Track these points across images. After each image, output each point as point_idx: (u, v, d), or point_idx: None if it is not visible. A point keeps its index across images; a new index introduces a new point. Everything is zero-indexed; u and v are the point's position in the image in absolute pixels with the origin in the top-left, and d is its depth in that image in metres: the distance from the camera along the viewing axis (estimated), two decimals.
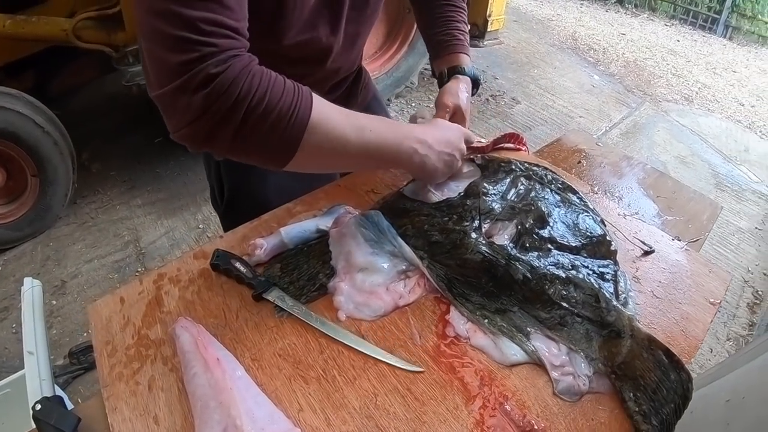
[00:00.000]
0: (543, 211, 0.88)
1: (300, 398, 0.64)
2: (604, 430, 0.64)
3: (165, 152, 3.03)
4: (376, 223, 0.82)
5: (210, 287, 0.78)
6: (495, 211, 0.87)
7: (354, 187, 1.01)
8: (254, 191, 1.06)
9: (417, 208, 0.88)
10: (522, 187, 0.95)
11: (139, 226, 2.55)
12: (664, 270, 0.91)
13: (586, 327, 0.72)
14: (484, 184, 0.93)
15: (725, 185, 3.87)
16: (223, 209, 1.12)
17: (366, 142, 0.74)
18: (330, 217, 0.88)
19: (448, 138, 0.88)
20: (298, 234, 0.83)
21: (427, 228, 0.82)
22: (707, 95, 5.46)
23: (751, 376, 1.47)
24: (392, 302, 0.75)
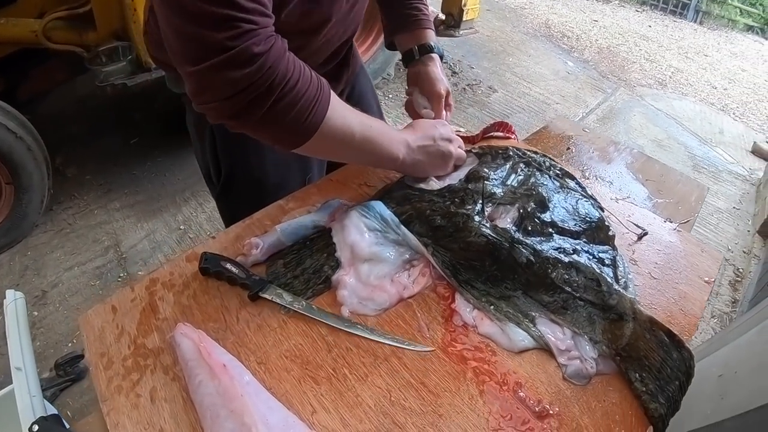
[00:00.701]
0: (544, 196, 0.88)
1: (312, 400, 0.63)
2: (617, 410, 0.66)
3: (141, 153, 2.97)
4: (379, 213, 0.81)
5: (206, 290, 0.75)
6: (497, 195, 0.86)
7: (346, 181, 0.99)
8: (252, 169, 1.05)
9: (419, 194, 0.87)
10: (522, 173, 0.95)
11: (119, 230, 2.49)
12: (659, 251, 0.93)
13: (588, 310, 0.73)
14: (484, 169, 0.93)
15: (702, 167, 3.93)
16: (219, 189, 1.10)
17: (367, 138, 0.79)
18: (325, 212, 0.86)
19: (425, 133, 0.90)
20: (295, 231, 0.81)
21: (429, 213, 0.82)
22: (680, 79, 5.54)
23: (741, 351, 1.51)
24: (397, 294, 0.74)
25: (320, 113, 0.70)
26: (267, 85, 0.63)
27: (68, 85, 2.98)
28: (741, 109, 5.18)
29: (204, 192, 2.74)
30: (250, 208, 1.06)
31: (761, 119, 5.08)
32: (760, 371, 1.32)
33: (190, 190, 2.77)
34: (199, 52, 0.61)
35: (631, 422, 0.64)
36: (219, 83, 0.62)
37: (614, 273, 0.80)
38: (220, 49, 0.59)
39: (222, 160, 1.05)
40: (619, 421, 0.64)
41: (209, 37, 0.59)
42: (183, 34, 0.61)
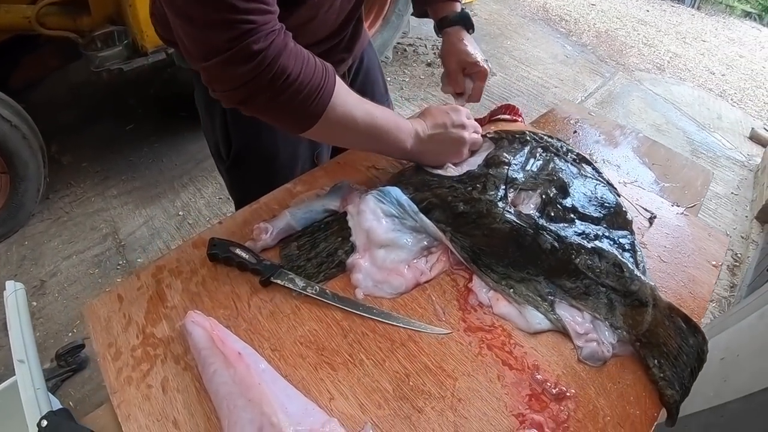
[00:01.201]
0: (565, 182, 0.87)
1: (329, 386, 0.62)
2: (631, 392, 0.66)
3: (137, 139, 2.93)
4: (395, 198, 0.79)
5: (215, 277, 0.74)
6: (518, 180, 0.85)
7: (353, 163, 0.98)
8: (264, 144, 1.06)
9: (437, 181, 0.85)
10: (540, 158, 0.93)
11: (117, 217, 2.47)
12: (668, 235, 0.93)
13: (609, 296, 0.72)
14: (504, 154, 0.91)
15: (701, 152, 3.92)
16: (229, 163, 1.10)
17: (372, 125, 0.81)
18: (335, 195, 0.85)
19: (435, 121, 0.90)
20: (306, 215, 0.80)
21: (450, 199, 0.80)
22: (678, 64, 5.52)
23: (742, 335, 1.52)
24: (413, 279, 0.73)
25: (324, 100, 0.73)
26: (269, 78, 0.68)
27: (61, 72, 2.94)
28: (739, 95, 5.16)
29: (202, 177, 2.72)
30: (260, 182, 1.05)
31: (759, 105, 5.08)
32: (761, 355, 1.34)
33: (188, 175, 2.74)
34: (205, 51, 0.68)
35: (645, 403, 0.65)
36: (226, 77, 0.69)
37: (634, 258, 0.80)
38: (223, 50, 0.66)
39: (233, 135, 1.05)
40: (634, 402, 0.64)
41: (213, 39, 0.66)
42: (190, 36, 0.68)
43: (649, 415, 0.63)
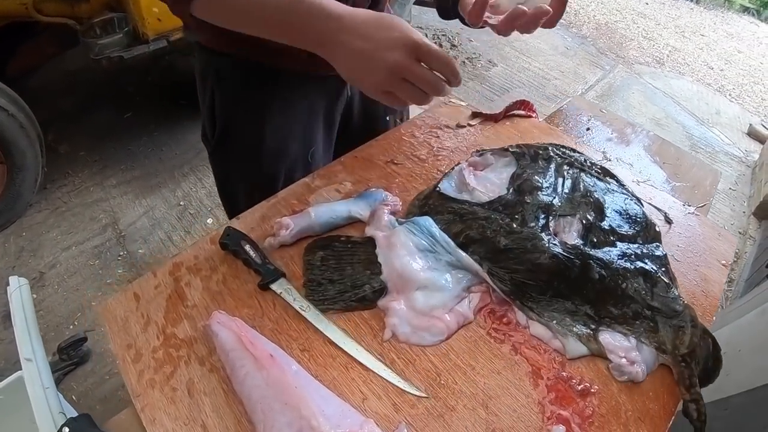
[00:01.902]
0: (601, 203, 0.84)
1: (361, 386, 0.61)
2: (650, 387, 0.67)
3: (136, 128, 2.90)
4: (428, 230, 0.75)
5: (236, 274, 0.72)
6: (555, 206, 0.81)
7: (371, 158, 0.97)
8: (248, 131, 1.00)
9: (469, 210, 0.80)
10: (569, 177, 0.90)
11: (116, 207, 2.44)
12: (680, 235, 0.94)
13: (654, 318, 0.70)
14: (534, 177, 0.86)
15: (699, 147, 3.94)
16: (213, 144, 1.04)
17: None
18: (363, 202, 0.82)
19: (384, 36, 0.65)
20: (329, 219, 0.78)
21: (491, 234, 0.75)
22: (678, 58, 5.53)
23: (743, 331, 1.55)
24: (456, 325, 0.68)
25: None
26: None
27: (57, 59, 2.91)
28: (737, 91, 5.18)
29: (203, 167, 2.70)
30: (243, 171, 1.04)
31: (756, 101, 5.10)
32: (762, 351, 1.37)
33: (188, 165, 2.72)
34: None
35: (663, 399, 0.66)
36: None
37: (667, 271, 0.78)
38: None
39: (217, 117, 1.00)
40: (653, 398, 0.65)
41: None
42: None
43: (668, 410, 0.64)
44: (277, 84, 0.96)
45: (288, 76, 0.95)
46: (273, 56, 0.90)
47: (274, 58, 0.90)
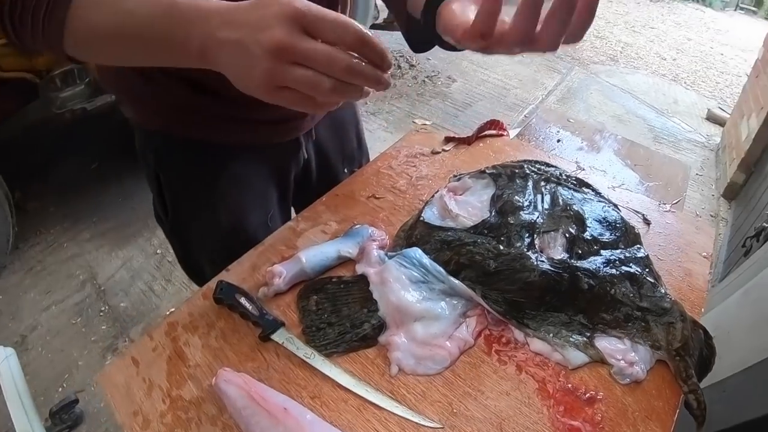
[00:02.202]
0: (580, 214, 0.86)
1: (377, 425, 0.61)
2: (651, 386, 0.69)
3: (104, 178, 2.87)
4: (419, 261, 0.75)
5: (235, 328, 0.72)
6: (537, 224, 0.83)
7: (352, 194, 0.98)
8: (201, 208, 0.97)
9: (456, 237, 0.81)
10: (546, 192, 0.92)
11: (93, 261, 2.40)
12: (660, 234, 0.97)
13: (645, 318, 0.72)
14: (514, 197, 0.88)
15: (662, 138, 4.04)
16: (168, 225, 1.01)
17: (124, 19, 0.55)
18: (351, 240, 0.82)
19: (259, 15, 0.49)
20: (320, 262, 0.78)
21: (479, 258, 0.76)
22: (631, 53, 5.69)
23: (730, 313, 1.59)
24: (458, 350, 0.69)
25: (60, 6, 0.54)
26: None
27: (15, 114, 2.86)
28: (692, 78, 5.34)
29: None
30: (203, 247, 1.01)
31: (711, 86, 5.26)
32: (751, 329, 1.39)
33: None
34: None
35: (666, 395, 0.68)
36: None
37: (651, 271, 0.81)
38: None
39: (167, 199, 0.96)
40: (656, 395, 0.67)
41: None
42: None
43: (672, 405, 0.66)
44: (223, 159, 0.93)
45: (233, 149, 0.92)
46: (211, 130, 0.88)
47: (212, 132, 0.88)
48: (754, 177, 3.17)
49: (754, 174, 3.19)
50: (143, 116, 0.90)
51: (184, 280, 2.30)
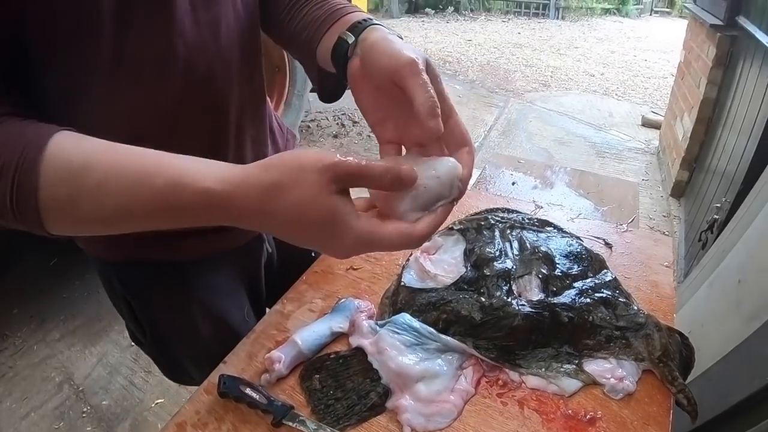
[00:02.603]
0: (549, 254, 0.92)
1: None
2: (643, 395, 0.74)
3: (65, 273, 2.79)
4: (409, 325, 0.79)
5: (245, 419, 0.73)
6: (512, 271, 0.88)
7: (331, 269, 1.00)
8: (177, 325, 0.96)
9: (439, 296, 0.84)
10: (514, 238, 0.97)
11: (67, 361, 2.33)
12: (623, 253, 1.04)
13: (625, 335, 0.79)
14: (485, 250, 0.92)
15: (604, 152, 4.22)
16: (148, 346, 1.00)
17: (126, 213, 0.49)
18: (340, 315, 0.85)
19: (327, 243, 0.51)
20: (315, 341, 0.81)
21: (465, 313, 0.80)
22: (561, 76, 5.95)
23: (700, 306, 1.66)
24: (462, 401, 0.73)
25: (27, 190, 0.46)
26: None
27: None
28: (621, 89, 5.62)
29: None
30: (184, 356, 1.01)
31: (640, 93, 5.54)
32: (723, 319, 1.45)
33: None
34: None
35: (657, 399, 0.74)
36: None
37: (621, 291, 0.88)
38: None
39: (142, 321, 0.94)
40: (649, 402, 0.73)
41: None
42: None
43: (665, 408, 0.72)
44: (193, 273, 0.92)
45: (199, 263, 0.92)
46: (174, 250, 0.87)
47: (177, 252, 0.87)
48: (697, 173, 3.34)
49: (696, 170, 3.36)
50: (100, 250, 0.89)
51: None
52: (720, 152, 2.80)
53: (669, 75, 5.90)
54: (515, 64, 6.32)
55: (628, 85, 5.72)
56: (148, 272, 0.88)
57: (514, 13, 8.92)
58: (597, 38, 7.51)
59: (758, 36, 2.30)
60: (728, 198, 2.31)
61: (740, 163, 2.31)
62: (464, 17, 8.75)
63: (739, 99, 2.62)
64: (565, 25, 8.28)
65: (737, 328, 1.34)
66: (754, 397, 1.12)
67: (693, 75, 3.52)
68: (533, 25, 8.29)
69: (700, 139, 3.29)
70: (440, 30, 7.83)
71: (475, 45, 7.07)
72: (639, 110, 5.04)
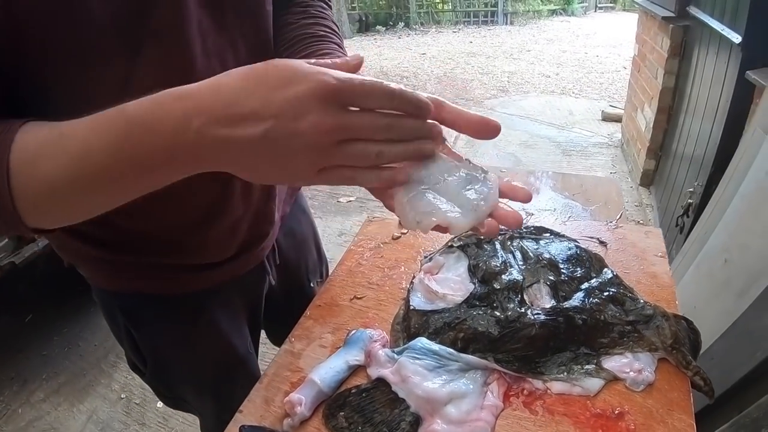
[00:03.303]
0: (553, 261, 0.92)
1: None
2: (662, 381, 0.76)
3: (42, 330, 2.70)
4: (428, 349, 0.78)
5: None
6: (520, 282, 0.88)
7: (334, 301, 0.98)
8: (180, 357, 0.96)
9: (453, 316, 0.84)
10: (516, 249, 0.97)
11: (55, 422, 2.23)
12: (618, 250, 1.04)
13: (637, 328, 0.80)
14: (490, 263, 0.92)
15: (570, 150, 4.30)
16: (149, 376, 0.98)
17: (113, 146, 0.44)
18: (354, 348, 0.83)
19: (286, 100, 0.42)
20: (334, 377, 0.78)
21: (482, 329, 0.80)
22: (517, 80, 6.07)
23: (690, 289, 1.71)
24: (493, 418, 0.73)
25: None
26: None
27: None
28: (578, 87, 5.75)
29: None
30: (187, 389, 1.00)
31: (596, 89, 5.68)
32: (714, 298, 1.49)
33: (112, 352, 2.54)
34: None
35: (676, 384, 0.75)
36: None
37: (625, 287, 0.89)
38: None
39: (144, 351, 0.94)
40: (668, 389, 0.75)
41: None
42: None
43: (685, 391, 0.74)
44: (196, 304, 0.92)
45: (203, 294, 0.91)
46: (180, 283, 0.87)
47: (182, 285, 0.88)
48: (664, 160, 3.42)
49: (663, 158, 3.44)
50: (103, 281, 0.88)
51: (158, 420, 2.19)
52: (685, 138, 2.87)
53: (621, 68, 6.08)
54: (471, 73, 6.43)
55: (583, 82, 5.85)
56: (151, 303, 0.88)
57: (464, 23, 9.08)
58: (547, 39, 7.69)
59: (711, 24, 2.38)
60: (700, 182, 2.37)
61: (707, 147, 2.37)
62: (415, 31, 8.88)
63: (698, 86, 2.70)
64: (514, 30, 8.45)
65: (730, 305, 1.38)
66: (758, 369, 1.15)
67: (649, 67, 3.62)
68: (483, 32, 8.44)
69: (663, 127, 3.38)
70: (393, 46, 7.91)
71: (429, 58, 7.16)
72: (597, 105, 5.17)
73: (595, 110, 5.05)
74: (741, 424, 1.09)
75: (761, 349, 1.15)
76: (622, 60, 6.27)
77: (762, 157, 1.48)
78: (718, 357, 1.32)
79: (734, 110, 2.09)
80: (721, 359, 1.31)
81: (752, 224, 1.44)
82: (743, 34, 1.99)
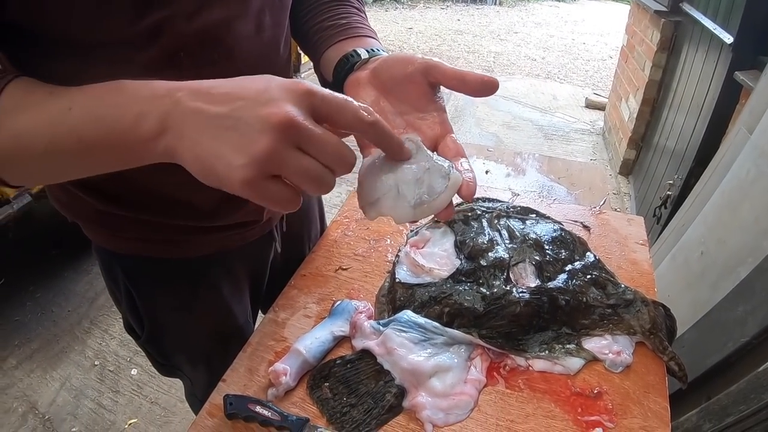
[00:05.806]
0: (539, 240, 0.94)
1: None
2: (639, 365, 0.79)
3: (15, 295, 2.64)
4: (413, 322, 0.79)
5: None
6: (506, 259, 0.89)
7: (319, 271, 0.98)
8: (180, 322, 0.96)
9: (439, 290, 0.84)
10: (502, 227, 0.98)
11: (28, 389, 2.21)
12: (600, 235, 1.06)
13: (617, 311, 0.83)
14: (477, 240, 0.93)
15: (552, 134, 4.32)
16: (144, 338, 0.98)
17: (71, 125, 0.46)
18: (339, 319, 0.84)
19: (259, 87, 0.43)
20: (319, 347, 0.78)
21: (467, 305, 0.81)
22: (503, 61, 6.05)
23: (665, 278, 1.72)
24: (476, 392, 0.74)
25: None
26: None
27: None
28: (563, 72, 5.77)
29: (102, 317, 2.51)
30: (183, 355, 1.00)
31: (581, 75, 5.70)
32: (688, 288, 1.53)
33: (86, 319, 2.51)
34: None
35: (653, 368, 0.78)
36: None
37: (607, 271, 0.91)
38: None
39: (143, 315, 0.93)
40: (646, 372, 0.78)
41: None
42: None
43: (661, 375, 0.77)
44: (199, 269, 0.91)
45: (207, 260, 0.90)
46: (186, 246, 0.86)
47: (188, 249, 0.87)
48: (644, 151, 3.46)
49: (644, 149, 3.49)
50: (106, 241, 0.86)
51: (132, 387, 2.18)
52: (668, 132, 2.91)
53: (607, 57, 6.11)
54: (458, 51, 6.39)
55: (568, 68, 5.87)
56: (154, 267, 0.87)
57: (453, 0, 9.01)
58: (535, 23, 7.68)
59: (704, 22, 2.40)
60: (680, 175, 2.41)
61: (690, 142, 2.41)
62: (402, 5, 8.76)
63: (685, 81, 2.73)
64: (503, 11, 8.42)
65: (704, 296, 1.41)
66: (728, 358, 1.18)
67: (637, 58, 3.65)
68: (472, 11, 8.39)
69: (646, 119, 3.42)
70: (380, 19, 7.80)
71: (416, 33, 7.09)
72: (582, 92, 5.19)
73: (579, 97, 5.08)
74: (710, 410, 1.13)
75: (732, 340, 1.18)
76: (609, 49, 6.30)
77: (744, 156, 1.50)
78: (689, 345, 1.36)
79: (719, 109, 2.13)
80: (692, 347, 1.35)
81: (730, 220, 1.47)
82: (735, 35, 2.01)
